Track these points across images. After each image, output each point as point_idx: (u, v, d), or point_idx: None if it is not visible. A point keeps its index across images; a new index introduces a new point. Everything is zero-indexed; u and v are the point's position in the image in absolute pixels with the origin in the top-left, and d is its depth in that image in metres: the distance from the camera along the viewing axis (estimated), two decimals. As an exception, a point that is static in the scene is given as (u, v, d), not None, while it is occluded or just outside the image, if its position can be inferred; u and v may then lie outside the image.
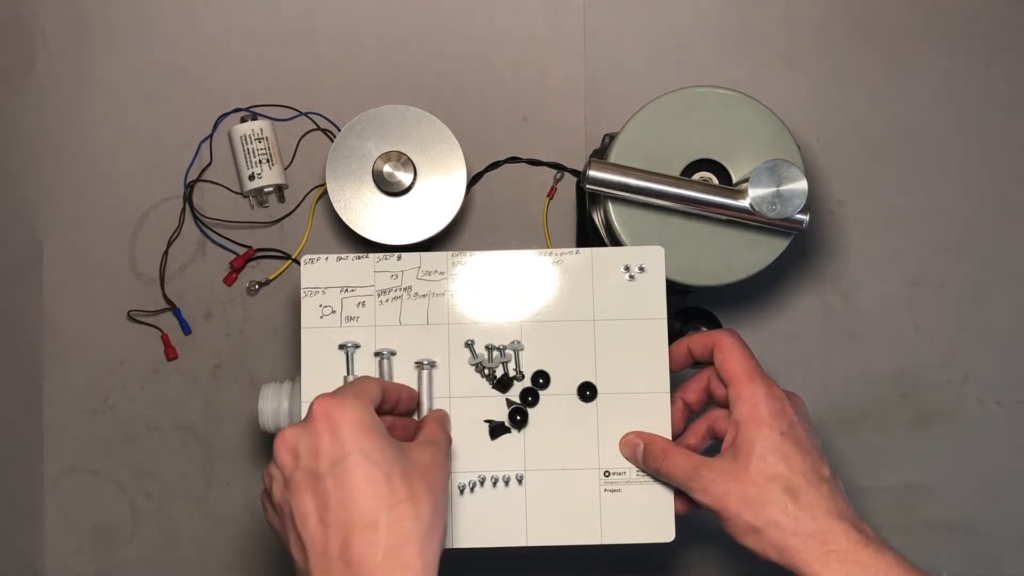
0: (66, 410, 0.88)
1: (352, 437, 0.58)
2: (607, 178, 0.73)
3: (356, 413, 0.59)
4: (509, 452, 0.71)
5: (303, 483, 0.59)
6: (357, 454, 0.58)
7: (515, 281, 0.73)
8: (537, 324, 0.72)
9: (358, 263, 0.73)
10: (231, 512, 0.88)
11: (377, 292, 0.73)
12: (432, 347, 0.72)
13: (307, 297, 0.73)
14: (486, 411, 0.72)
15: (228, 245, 0.88)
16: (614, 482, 0.71)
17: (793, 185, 0.71)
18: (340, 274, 0.73)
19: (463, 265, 0.73)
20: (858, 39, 0.88)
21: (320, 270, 0.73)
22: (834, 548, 0.61)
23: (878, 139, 0.88)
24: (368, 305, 0.72)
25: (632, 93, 0.86)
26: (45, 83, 0.88)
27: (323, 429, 0.59)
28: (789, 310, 0.88)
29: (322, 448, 0.59)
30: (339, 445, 0.58)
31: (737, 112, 0.75)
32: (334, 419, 0.59)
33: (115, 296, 0.88)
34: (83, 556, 0.88)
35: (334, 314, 0.72)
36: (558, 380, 0.72)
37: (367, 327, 0.72)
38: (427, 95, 0.87)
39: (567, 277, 0.72)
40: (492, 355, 0.72)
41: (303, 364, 0.72)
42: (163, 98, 0.88)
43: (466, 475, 0.71)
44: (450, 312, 0.72)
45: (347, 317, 0.72)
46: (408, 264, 0.73)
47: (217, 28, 0.88)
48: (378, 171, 0.82)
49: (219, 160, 0.88)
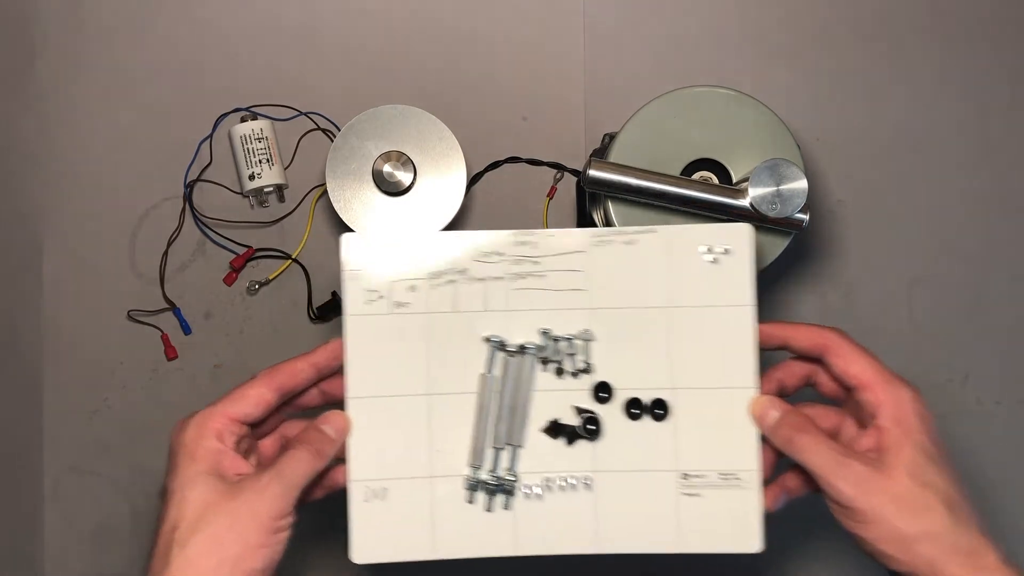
0: (66, 410, 0.88)
1: (175, 468, 0.60)
2: (607, 178, 0.73)
3: (186, 443, 0.60)
4: (576, 452, 0.65)
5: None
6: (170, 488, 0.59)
7: (581, 263, 0.65)
8: (606, 312, 0.65)
9: (407, 245, 0.65)
10: (231, 512, 0.88)
11: (430, 275, 0.65)
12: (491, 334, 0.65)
13: (351, 281, 0.65)
14: (550, 408, 0.65)
15: (228, 245, 0.88)
16: (693, 485, 0.65)
17: (793, 184, 0.71)
18: (388, 255, 0.65)
19: (525, 246, 0.66)
20: (858, 39, 0.88)
21: (364, 250, 0.65)
22: (985, 567, 0.57)
23: (878, 139, 0.88)
24: (419, 289, 0.65)
25: (632, 93, 0.86)
26: (45, 83, 0.88)
27: (169, 453, 0.61)
28: (789, 310, 0.88)
29: (166, 471, 0.61)
30: (168, 474, 0.60)
31: (737, 112, 0.75)
32: (172, 445, 0.61)
33: (115, 296, 0.88)
34: (83, 556, 0.88)
35: (382, 299, 0.65)
36: (629, 376, 0.65)
37: (419, 314, 0.65)
38: (427, 95, 0.87)
39: (639, 259, 0.65)
40: (557, 345, 0.65)
41: (348, 356, 0.65)
42: (163, 98, 0.88)
43: (529, 476, 0.65)
44: (509, 298, 0.65)
45: (396, 303, 0.65)
46: (465, 244, 0.66)
47: (217, 28, 0.88)
48: (378, 171, 0.82)
49: (219, 160, 0.88)
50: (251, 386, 0.63)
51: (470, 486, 0.65)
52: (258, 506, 0.58)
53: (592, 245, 0.66)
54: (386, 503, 0.65)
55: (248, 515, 0.58)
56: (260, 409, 0.62)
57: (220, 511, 0.57)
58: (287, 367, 0.64)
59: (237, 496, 0.58)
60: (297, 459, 0.61)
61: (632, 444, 0.65)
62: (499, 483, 0.65)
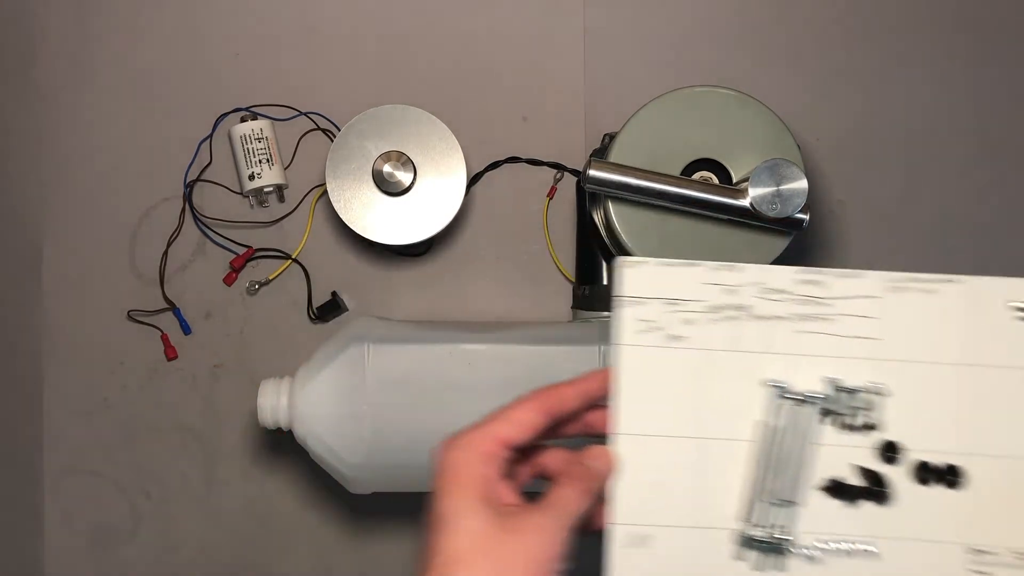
0: (66, 410, 0.88)
1: (447, 493, 0.53)
2: (607, 178, 0.73)
3: (454, 461, 0.54)
4: (858, 515, 0.58)
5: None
6: (439, 513, 0.53)
7: (874, 309, 0.60)
8: (897, 364, 0.59)
9: (686, 271, 0.60)
10: (231, 512, 0.88)
11: (708, 308, 0.60)
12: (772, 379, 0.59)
13: (624, 307, 0.60)
14: (828, 464, 0.59)
15: (228, 245, 0.88)
16: (984, 563, 0.58)
17: (793, 184, 0.71)
18: (664, 283, 0.60)
19: (812, 285, 0.61)
20: (858, 39, 0.88)
21: (642, 276, 0.60)
22: None
23: (878, 139, 0.88)
24: (696, 324, 0.59)
25: (632, 93, 0.86)
26: (45, 83, 0.88)
27: (437, 474, 0.54)
28: (789, 310, 0.88)
29: (433, 494, 0.55)
30: (437, 498, 0.54)
31: (737, 112, 0.75)
32: (440, 466, 0.55)
33: (115, 296, 0.88)
34: (83, 556, 0.88)
35: (657, 331, 0.60)
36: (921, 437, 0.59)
37: (694, 350, 0.60)
38: (427, 95, 0.87)
39: (938, 309, 0.59)
40: (842, 396, 0.59)
41: (618, 388, 0.59)
42: (163, 98, 0.88)
43: (805, 536, 0.59)
44: (792, 340, 0.59)
45: (671, 336, 0.60)
46: (748, 278, 0.60)
47: (217, 28, 0.88)
48: (378, 171, 0.82)
49: (219, 160, 0.88)
50: (520, 408, 0.56)
51: (739, 541, 0.60)
52: (534, 547, 0.53)
53: (886, 291, 0.60)
54: (647, 550, 0.59)
55: (524, 556, 0.52)
56: (528, 434, 0.56)
57: (494, 549, 0.52)
58: (557, 391, 0.58)
59: (513, 532, 0.53)
60: (568, 497, 0.55)
61: (920, 512, 0.59)
62: (773, 541, 0.59)
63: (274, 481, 0.89)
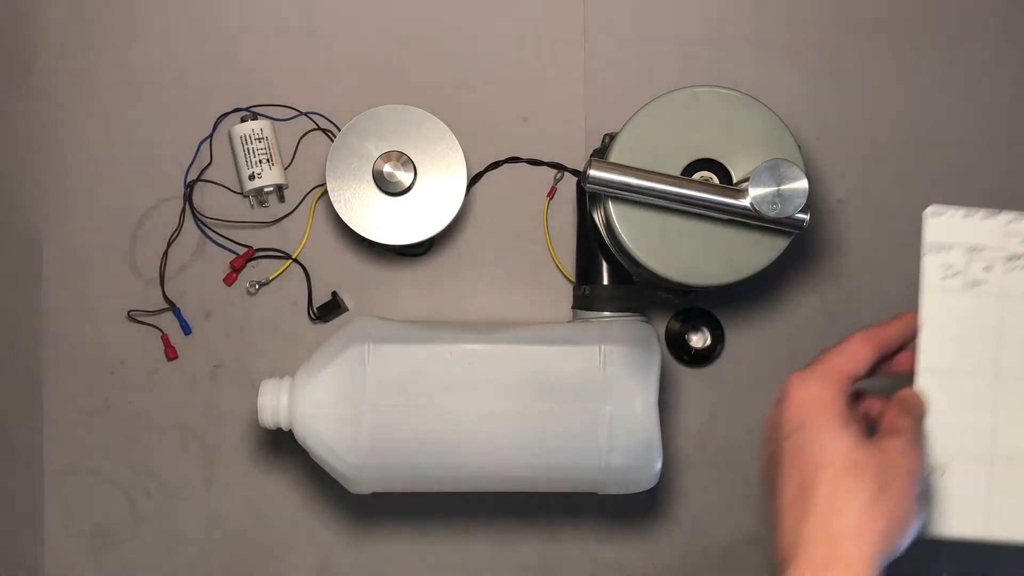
0: (66, 410, 0.88)
1: (811, 420, 0.57)
2: (608, 178, 0.73)
3: (814, 392, 0.58)
4: None
5: (773, 457, 0.59)
6: (806, 438, 0.56)
7: None
8: None
9: (987, 221, 0.64)
10: (231, 512, 0.88)
11: (1007, 256, 0.64)
12: None
13: (931, 254, 0.64)
14: None
15: (228, 245, 0.88)
16: None
17: (794, 184, 0.71)
18: (966, 232, 0.65)
19: None
20: (858, 39, 0.88)
21: (947, 225, 0.64)
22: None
23: (878, 139, 0.88)
24: (994, 270, 0.64)
25: (632, 93, 0.86)
26: (45, 83, 0.88)
27: (786, 408, 0.58)
28: (789, 310, 0.88)
29: (783, 427, 0.58)
30: (795, 427, 0.57)
31: (737, 112, 0.75)
32: (794, 399, 0.58)
33: (115, 296, 0.88)
34: (83, 556, 0.88)
35: (957, 276, 0.64)
36: None
37: (992, 295, 0.64)
38: (427, 95, 0.87)
39: None
40: None
41: (924, 328, 0.63)
42: (163, 98, 0.88)
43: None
44: None
45: (972, 281, 0.64)
46: None
47: (217, 28, 0.88)
48: (378, 171, 0.82)
49: (219, 160, 0.88)
50: (856, 344, 0.61)
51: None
52: (906, 461, 0.56)
53: None
54: (942, 479, 0.63)
55: (902, 468, 0.56)
56: (864, 368, 0.60)
57: (872, 461, 0.55)
58: (884, 329, 0.62)
59: (882, 450, 0.56)
60: (906, 425, 0.59)
61: None
62: None
63: (274, 481, 0.89)
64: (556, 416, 0.77)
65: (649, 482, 0.79)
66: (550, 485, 0.80)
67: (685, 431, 0.89)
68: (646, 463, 0.77)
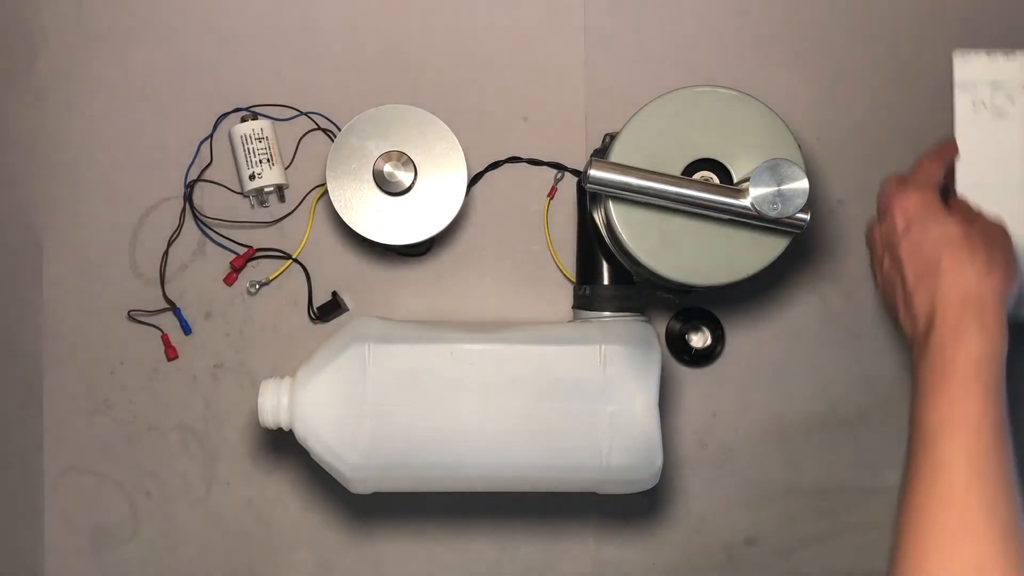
0: (66, 410, 0.88)
1: (919, 218, 0.70)
2: (608, 177, 0.73)
3: (917, 197, 0.71)
4: None
5: (891, 261, 0.72)
6: (921, 231, 0.69)
7: None
8: None
9: (1006, 62, 0.77)
10: (231, 512, 0.88)
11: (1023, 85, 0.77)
12: None
13: (960, 91, 0.78)
14: None
15: (228, 245, 0.88)
16: None
17: (794, 184, 0.71)
18: (989, 70, 0.78)
19: None
20: (858, 39, 0.88)
21: (972, 65, 0.77)
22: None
23: (878, 139, 0.88)
24: (1016, 101, 0.77)
25: (632, 93, 0.86)
26: (45, 83, 0.88)
27: (895, 216, 0.72)
28: (789, 310, 0.88)
29: (896, 231, 0.71)
30: (907, 226, 0.70)
31: (738, 112, 0.75)
32: (900, 207, 0.71)
33: (115, 296, 0.88)
34: (83, 556, 0.88)
35: (984, 107, 0.77)
36: None
37: (1014, 123, 0.77)
38: (427, 95, 0.87)
39: None
40: None
41: (962, 158, 0.77)
42: (163, 98, 0.88)
43: None
44: None
45: (997, 110, 0.77)
46: None
47: (217, 28, 0.88)
48: (378, 171, 0.82)
49: (219, 160, 0.88)
50: (927, 162, 0.76)
51: None
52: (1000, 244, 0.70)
53: None
54: None
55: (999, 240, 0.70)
56: (940, 180, 0.75)
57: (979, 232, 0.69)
58: (949, 148, 0.77)
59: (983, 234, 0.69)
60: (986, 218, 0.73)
61: None
62: None
63: (274, 481, 0.89)
64: (556, 416, 0.77)
65: (649, 482, 0.79)
66: (550, 485, 0.80)
67: (685, 431, 0.89)
68: (646, 463, 0.77)
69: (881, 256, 0.74)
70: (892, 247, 0.71)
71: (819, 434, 0.89)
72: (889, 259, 0.72)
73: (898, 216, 0.71)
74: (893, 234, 0.71)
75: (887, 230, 0.72)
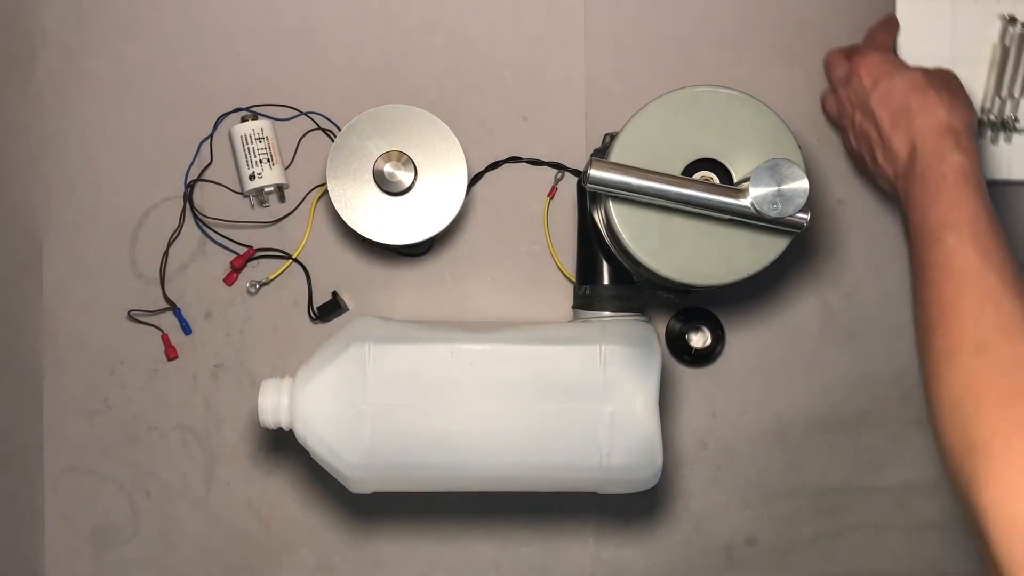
0: (66, 410, 0.88)
1: (884, 73, 0.77)
2: (608, 177, 0.73)
3: (878, 56, 0.79)
4: None
5: (862, 116, 0.78)
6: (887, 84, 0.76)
7: None
8: None
9: None
10: (231, 512, 0.88)
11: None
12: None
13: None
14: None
15: (228, 245, 0.88)
16: None
17: (794, 184, 0.71)
18: None
19: None
20: (858, 39, 0.88)
21: None
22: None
23: (878, 139, 0.88)
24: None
25: (632, 93, 0.86)
26: (45, 83, 0.88)
27: (861, 76, 0.78)
28: (789, 310, 0.88)
29: (863, 89, 0.78)
30: (874, 83, 0.77)
31: (738, 112, 0.75)
32: (864, 66, 0.78)
33: (115, 296, 0.88)
34: (83, 556, 0.88)
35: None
36: None
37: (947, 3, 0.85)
38: (427, 95, 0.87)
39: None
40: None
41: (903, 30, 0.85)
42: (163, 98, 0.88)
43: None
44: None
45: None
46: None
47: (217, 28, 0.88)
48: (379, 171, 0.82)
49: (219, 160, 0.88)
50: (878, 28, 0.84)
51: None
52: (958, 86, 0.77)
53: None
54: None
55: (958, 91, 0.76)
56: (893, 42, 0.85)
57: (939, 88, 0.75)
58: (891, 24, 0.85)
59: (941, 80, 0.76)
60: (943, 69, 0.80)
61: None
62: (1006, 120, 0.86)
63: (274, 481, 0.89)
64: (556, 416, 0.77)
65: (649, 482, 0.79)
66: (550, 485, 0.80)
67: (685, 431, 0.89)
68: (646, 463, 0.77)
69: (852, 113, 0.80)
70: (863, 102, 0.78)
71: (819, 434, 0.89)
72: (860, 114, 0.79)
73: (864, 75, 0.78)
74: (861, 91, 0.78)
75: (855, 89, 0.79)
